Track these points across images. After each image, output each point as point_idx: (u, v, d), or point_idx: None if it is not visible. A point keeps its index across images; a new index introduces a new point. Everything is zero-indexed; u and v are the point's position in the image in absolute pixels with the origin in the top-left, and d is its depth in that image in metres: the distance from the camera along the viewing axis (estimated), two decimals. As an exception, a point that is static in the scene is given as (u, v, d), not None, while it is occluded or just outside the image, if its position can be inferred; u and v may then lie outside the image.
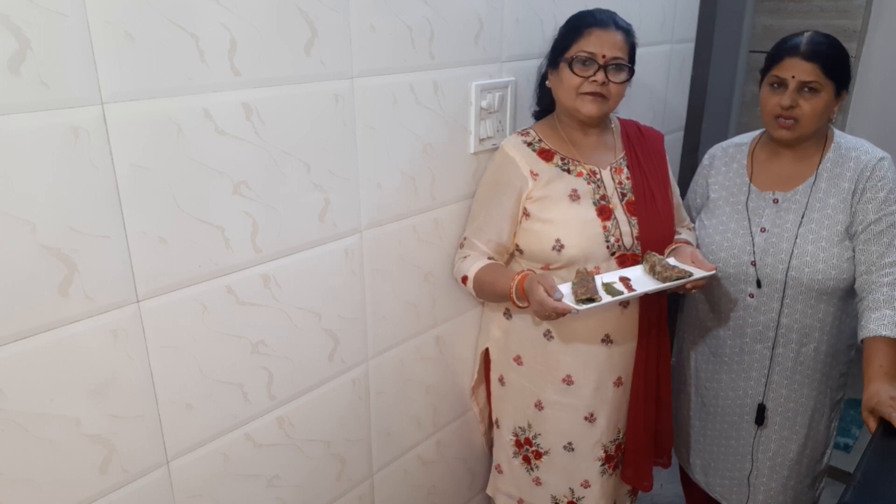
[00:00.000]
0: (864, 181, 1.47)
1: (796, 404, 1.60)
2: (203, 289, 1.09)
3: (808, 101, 1.45)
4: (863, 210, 1.47)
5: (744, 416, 1.66)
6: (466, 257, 1.49)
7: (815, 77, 1.43)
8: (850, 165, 1.50)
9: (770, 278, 1.53)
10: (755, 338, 1.59)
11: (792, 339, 1.55)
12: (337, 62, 1.18)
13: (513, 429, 1.64)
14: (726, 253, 1.58)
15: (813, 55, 1.43)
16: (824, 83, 1.43)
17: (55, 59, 0.85)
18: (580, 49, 1.36)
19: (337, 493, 1.46)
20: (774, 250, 1.52)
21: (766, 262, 1.53)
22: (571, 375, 1.51)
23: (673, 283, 1.35)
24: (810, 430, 1.62)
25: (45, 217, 0.89)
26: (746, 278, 1.56)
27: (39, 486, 0.96)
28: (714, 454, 1.76)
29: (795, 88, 1.45)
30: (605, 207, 1.44)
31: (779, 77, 1.46)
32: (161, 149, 0.98)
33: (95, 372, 0.99)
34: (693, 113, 2.38)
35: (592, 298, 1.28)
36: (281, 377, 1.26)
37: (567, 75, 1.37)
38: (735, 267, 1.57)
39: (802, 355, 1.56)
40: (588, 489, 1.60)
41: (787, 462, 1.64)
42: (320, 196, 1.23)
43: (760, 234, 1.55)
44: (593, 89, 1.37)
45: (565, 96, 1.40)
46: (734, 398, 1.67)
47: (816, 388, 1.59)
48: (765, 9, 3.01)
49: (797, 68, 1.44)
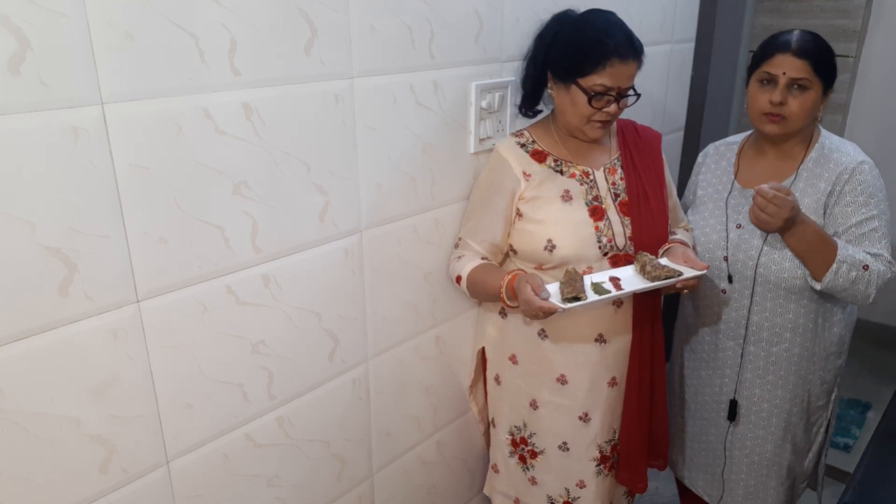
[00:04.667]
0: (843, 184, 1.47)
1: (770, 405, 1.61)
2: (203, 289, 1.09)
3: (796, 99, 1.46)
4: (842, 213, 1.47)
5: (719, 412, 1.69)
6: (461, 257, 1.49)
7: (805, 74, 1.44)
8: (829, 167, 1.50)
9: (741, 274, 1.56)
10: (727, 334, 1.62)
11: (762, 338, 1.57)
12: (337, 62, 1.18)
13: (508, 428, 1.64)
14: (702, 247, 1.61)
15: (804, 52, 1.44)
16: (814, 80, 1.45)
17: (55, 59, 0.85)
18: (599, 82, 1.32)
19: (337, 493, 1.46)
20: (746, 246, 1.54)
21: (737, 258, 1.56)
22: (565, 375, 1.51)
23: (662, 282, 1.35)
24: (787, 433, 1.62)
25: (45, 217, 0.88)
26: (720, 273, 1.59)
27: (39, 485, 0.96)
28: (694, 450, 1.79)
29: (785, 85, 1.45)
30: (598, 208, 1.44)
31: (769, 73, 1.47)
32: (161, 149, 0.98)
33: (95, 372, 0.99)
34: (693, 113, 2.38)
35: (578, 297, 1.28)
36: (281, 377, 1.26)
37: (581, 102, 1.36)
38: (710, 262, 1.60)
39: (774, 355, 1.57)
40: (584, 489, 1.60)
41: (765, 461, 1.65)
42: (320, 196, 1.23)
43: (735, 230, 1.57)
44: (604, 118, 1.38)
45: (574, 119, 1.40)
46: (710, 394, 1.70)
47: (791, 391, 1.59)
48: (765, 9, 3.01)
49: (788, 65, 1.44)
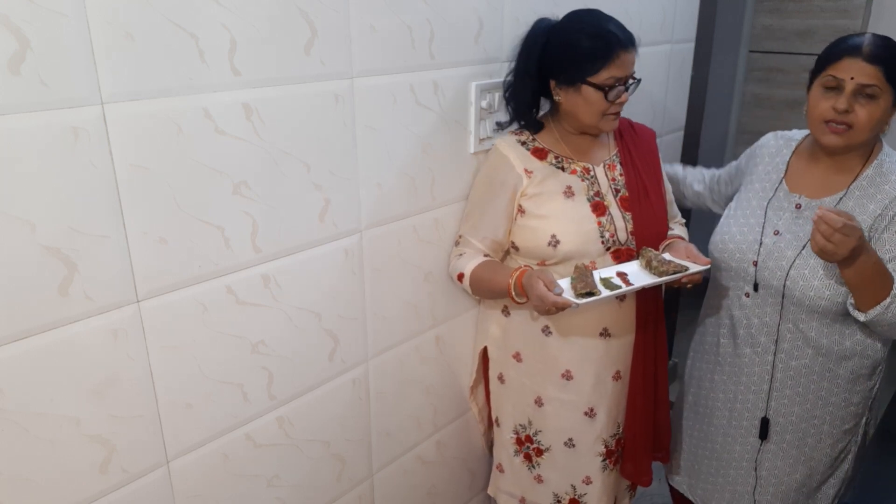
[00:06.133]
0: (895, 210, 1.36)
1: (786, 419, 1.55)
2: (203, 289, 1.09)
3: (864, 107, 1.33)
4: (891, 239, 1.37)
5: (731, 420, 1.62)
6: (462, 255, 1.49)
7: (875, 81, 1.31)
8: (885, 188, 1.39)
9: (766, 283, 1.48)
10: (746, 340, 1.55)
11: (783, 349, 1.51)
12: (337, 62, 1.18)
13: (513, 427, 1.64)
14: (735, 245, 1.53)
15: (875, 57, 1.31)
16: (884, 89, 1.32)
17: (55, 59, 0.85)
18: (611, 75, 1.33)
19: (337, 493, 1.46)
20: (778, 256, 1.46)
21: (766, 266, 1.48)
22: (571, 370, 1.51)
23: (669, 277, 1.37)
24: (800, 453, 1.56)
25: (45, 217, 0.88)
26: (746, 276, 1.53)
27: (39, 486, 0.96)
28: (699, 456, 1.73)
29: (852, 91, 1.33)
30: (600, 203, 1.45)
31: (835, 77, 1.34)
32: (161, 149, 0.98)
33: (95, 372, 0.99)
34: (693, 113, 2.38)
35: (592, 292, 1.30)
36: (281, 377, 1.26)
37: (596, 99, 1.36)
38: (737, 262, 1.53)
39: (793, 369, 1.51)
40: (590, 485, 1.60)
41: (786, 479, 1.59)
42: (320, 196, 1.23)
43: (772, 237, 1.49)
44: (618, 109, 1.39)
45: (588, 117, 1.39)
46: (724, 400, 1.63)
47: (809, 411, 1.52)
48: (765, 9, 3.01)
49: (856, 69, 1.32)
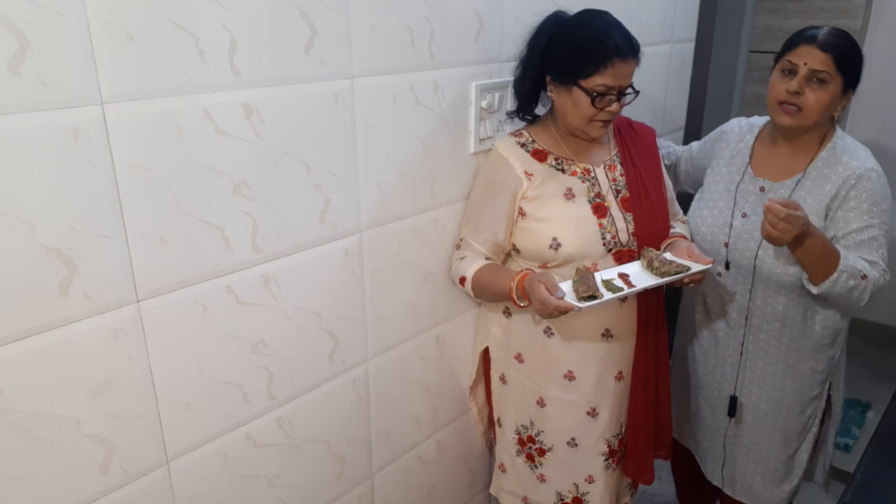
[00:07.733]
0: (848, 188, 1.47)
1: (760, 389, 1.66)
2: (203, 289, 1.09)
3: (814, 91, 1.45)
4: (844, 217, 1.47)
5: (712, 390, 1.75)
6: (464, 258, 1.49)
7: (825, 67, 1.43)
8: (838, 169, 1.49)
9: (737, 262, 1.59)
10: (720, 315, 1.67)
11: (752, 324, 1.61)
12: (337, 62, 1.18)
13: (515, 427, 1.64)
14: (707, 228, 1.65)
15: (828, 46, 1.43)
16: (834, 75, 1.44)
17: (55, 59, 0.85)
18: (602, 82, 1.32)
19: (337, 493, 1.46)
20: (747, 237, 1.56)
21: (737, 247, 1.58)
22: (573, 371, 1.51)
23: (671, 277, 1.37)
24: (776, 422, 1.66)
25: (45, 217, 0.88)
26: (718, 257, 1.62)
27: (39, 486, 0.96)
28: (692, 420, 1.85)
29: (805, 76, 1.45)
30: (601, 205, 1.45)
31: (791, 62, 1.47)
32: (161, 149, 0.98)
33: (95, 372, 0.99)
34: (693, 113, 2.38)
35: (594, 295, 1.29)
36: (281, 377, 1.26)
37: (584, 103, 1.35)
38: (710, 244, 1.63)
39: (762, 341, 1.61)
40: (592, 484, 1.61)
41: (753, 451, 1.71)
42: (320, 196, 1.23)
43: (740, 219, 1.59)
44: (606, 118, 1.38)
45: (576, 120, 1.40)
46: (705, 372, 1.76)
47: (780, 381, 1.63)
48: (765, 9, 3.01)
49: (810, 56, 1.44)
